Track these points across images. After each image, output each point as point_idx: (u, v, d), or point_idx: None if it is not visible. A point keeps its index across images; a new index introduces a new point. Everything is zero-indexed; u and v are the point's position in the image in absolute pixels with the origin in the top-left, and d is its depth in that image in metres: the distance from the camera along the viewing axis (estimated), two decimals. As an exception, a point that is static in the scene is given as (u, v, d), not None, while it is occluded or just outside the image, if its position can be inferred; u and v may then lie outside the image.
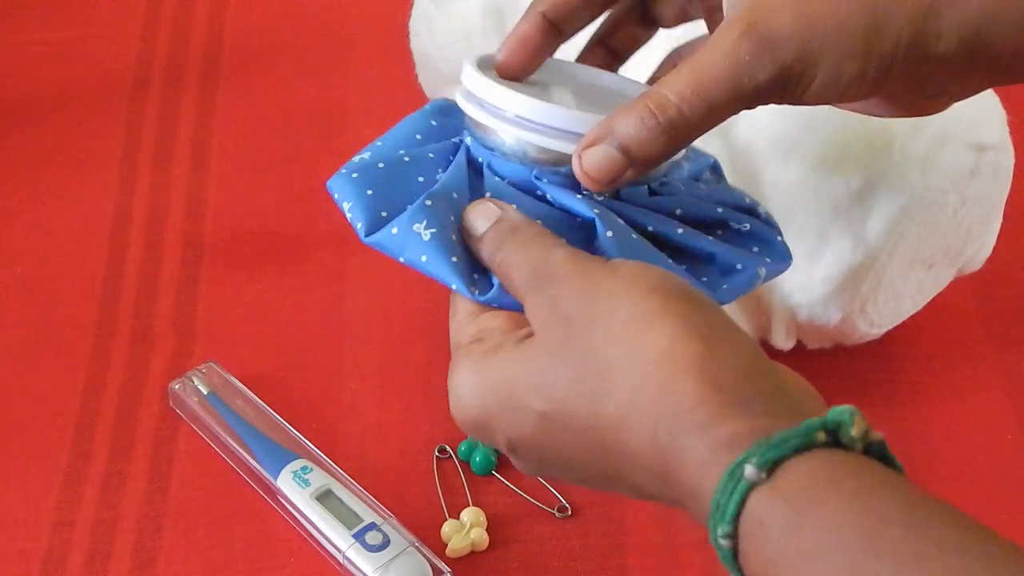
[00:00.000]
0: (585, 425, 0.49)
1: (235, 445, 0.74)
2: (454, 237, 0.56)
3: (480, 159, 0.60)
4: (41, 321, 0.82)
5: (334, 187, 0.59)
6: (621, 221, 0.56)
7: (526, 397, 0.50)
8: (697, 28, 0.66)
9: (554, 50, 0.63)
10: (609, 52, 0.67)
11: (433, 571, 0.68)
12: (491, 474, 0.74)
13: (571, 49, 0.66)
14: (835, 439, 0.45)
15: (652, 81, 0.66)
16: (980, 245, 0.76)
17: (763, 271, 0.58)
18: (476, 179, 0.59)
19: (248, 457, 0.73)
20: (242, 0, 1.06)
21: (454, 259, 0.56)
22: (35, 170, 0.92)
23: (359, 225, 0.58)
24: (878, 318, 0.75)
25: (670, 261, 0.57)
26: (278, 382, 0.79)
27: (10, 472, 0.75)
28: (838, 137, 0.70)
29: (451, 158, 0.61)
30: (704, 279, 0.57)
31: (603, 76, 0.65)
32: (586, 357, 0.49)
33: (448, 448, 0.75)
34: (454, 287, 0.56)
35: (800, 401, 0.48)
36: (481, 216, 0.56)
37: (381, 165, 0.60)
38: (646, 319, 0.48)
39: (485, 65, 0.61)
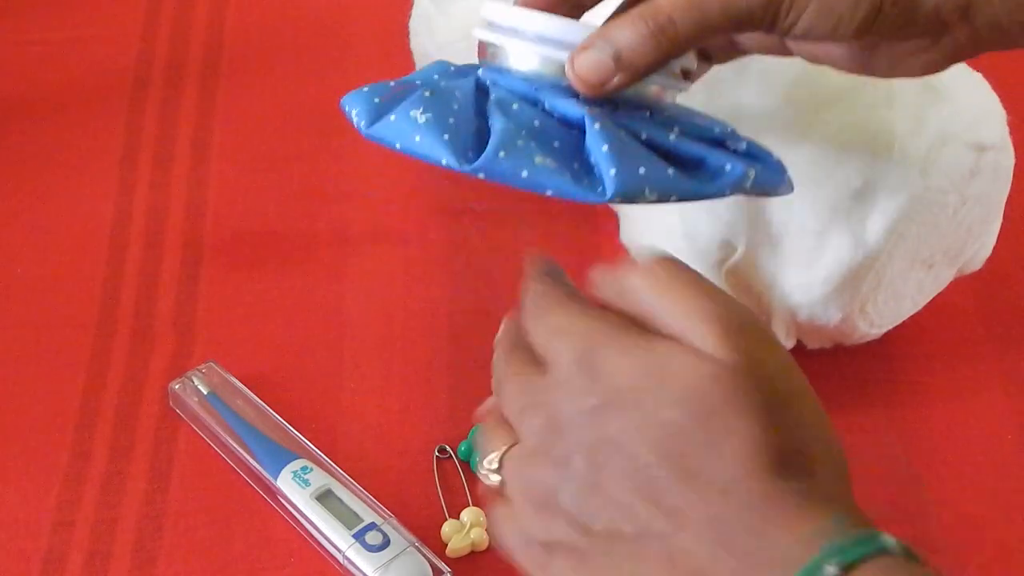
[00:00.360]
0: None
1: (235, 445, 0.74)
2: (451, 121, 0.58)
3: (488, 81, 0.61)
4: (41, 321, 0.82)
5: (346, 100, 0.61)
6: (610, 122, 0.58)
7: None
8: None
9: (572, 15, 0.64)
10: None
11: (433, 571, 0.68)
12: (491, 474, 0.74)
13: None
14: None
15: None
16: (980, 245, 0.76)
17: (752, 172, 0.59)
18: (482, 98, 0.60)
19: (248, 457, 0.73)
20: (242, 0, 1.06)
21: (446, 136, 0.57)
22: (35, 170, 0.92)
23: (362, 122, 0.60)
24: (878, 318, 0.75)
25: (656, 156, 0.58)
26: (278, 382, 0.79)
27: (10, 472, 0.75)
28: (838, 137, 0.70)
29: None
30: (696, 179, 0.58)
31: None
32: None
33: (448, 448, 0.75)
34: (444, 161, 0.57)
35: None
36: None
37: (392, 83, 0.62)
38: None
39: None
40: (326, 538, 0.70)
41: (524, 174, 0.56)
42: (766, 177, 0.60)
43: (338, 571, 0.69)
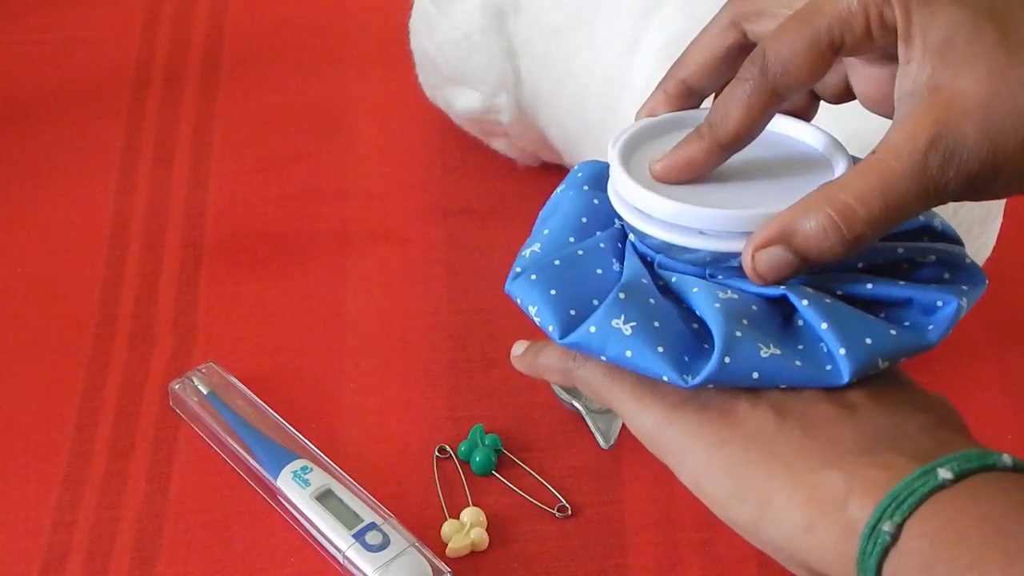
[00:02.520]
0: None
1: (235, 445, 0.74)
2: (656, 324, 0.54)
3: (648, 256, 0.58)
4: (41, 321, 0.83)
5: (515, 291, 0.57)
6: (809, 289, 0.55)
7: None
8: None
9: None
10: None
11: (433, 571, 0.68)
12: (491, 474, 0.74)
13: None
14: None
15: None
16: (980, 245, 0.76)
17: (965, 301, 0.56)
18: (650, 269, 0.57)
19: (248, 457, 0.73)
20: (242, 0, 1.06)
21: (660, 349, 0.53)
22: (35, 170, 0.92)
23: (551, 328, 0.55)
24: (878, 318, 0.75)
25: (871, 317, 0.55)
26: (278, 382, 0.79)
27: (10, 472, 0.75)
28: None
29: (619, 246, 0.58)
30: (907, 323, 0.55)
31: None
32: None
33: (448, 448, 0.75)
34: (666, 379, 0.53)
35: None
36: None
37: (557, 262, 0.57)
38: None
39: (628, 151, 0.58)
40: (326, 538, 0.70)
41: (755, 376, 0.53)
42: (972, 293, 0.57)
43: (338, 571, 0.69)
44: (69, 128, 0.95)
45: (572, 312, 0.55)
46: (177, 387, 0.77)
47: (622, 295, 0.55)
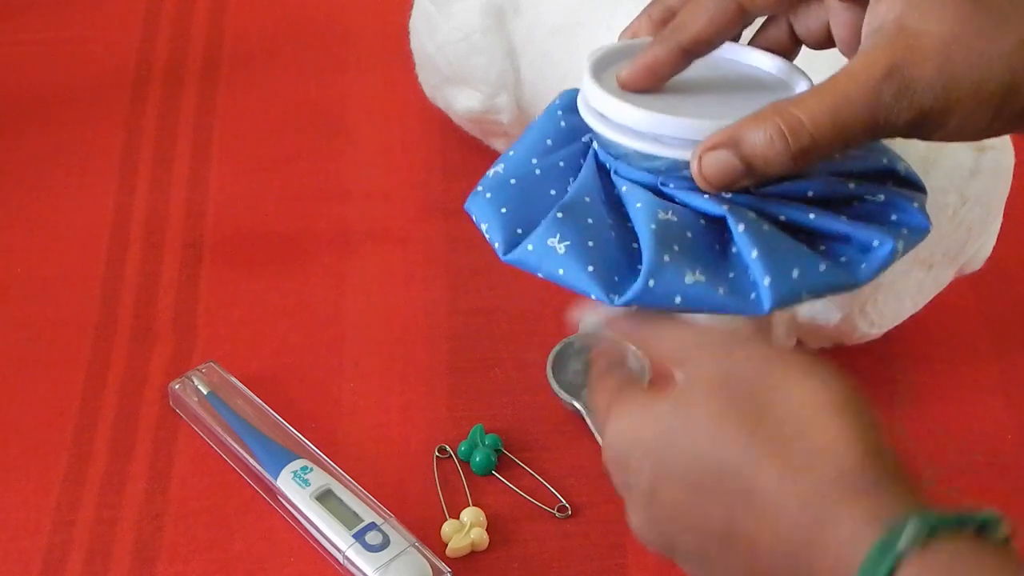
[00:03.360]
0: (733, 468, 0.50)
1: (235, 445, 0.74)
2: (591, 243, 0.57)
3: (608, 165, 0.60)
4: (41, 321, 0.83)
5: (471, 208, 0.61)
6: (751, 213, 0.57)
7: (681, 435, 0.51)
8: None
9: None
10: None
11: (433, 571, 0.68)
12: (491, 474, 0.74)
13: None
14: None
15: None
16: (980, 245, 0.76)
17: (901, 244, 0.57)
18: (606, 179, 0.60)
19: (248, 457, 0.73)
20: (242, 0, 1.06)
21: (590, 268, 0.56)
22: (35, 170, 0.92)
23: (496, 244, 0.59)
24: (878, 318, 0.75)
25: (805, 248, 0.56)
26: (278, 382, 0.79)
27: (10, 472, 0.75)
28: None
29: (581, 161, 0.61)
30: (843, 258, 0.57)
31: (726, 51, 0.63)
32: (756, 408, 0.50)
33: (448, 448, 0.75)
34: (593, 296, 0.56)
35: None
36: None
37: (513, 181, 0.61)
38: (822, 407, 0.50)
39: (602, 66, 0.61)
40: (326, 538, 0.70)
41: (678, 300, 0.55)
42: (911, 238, 0.58)
43: (338, 571, 0.69)
44: (69, 128, 0.95)
45: (519, 231, 0.59)
46: (177, 387, 0.77)
47: (560, 215, 0.57)
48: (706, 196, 0.57)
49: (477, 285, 0.84)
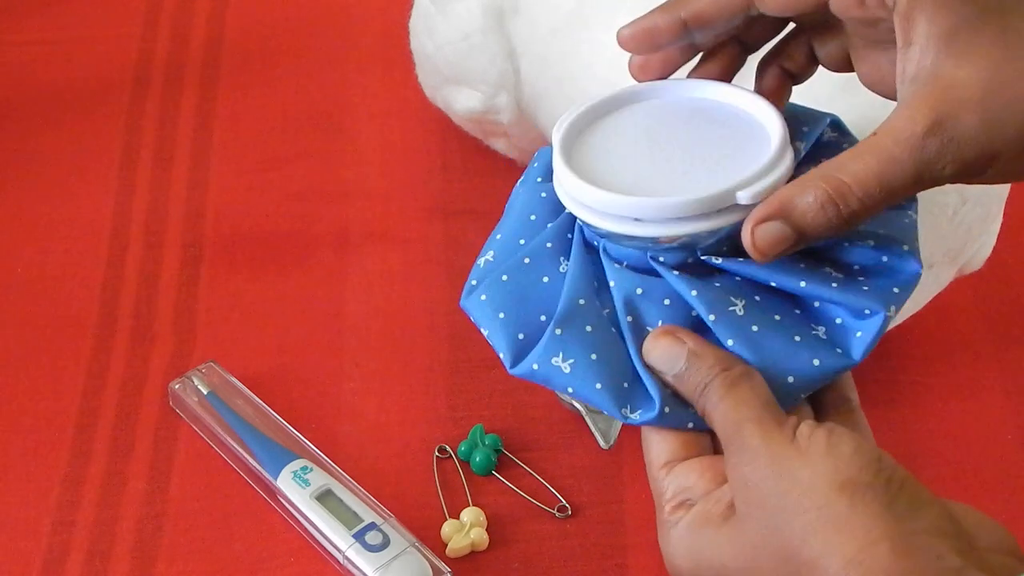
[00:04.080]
0: None
1: (235, 445, 0.74)
2: (594, 356, 0.56)
3: (595, 242, 0.59)
4: (41, 321, 0.83)
5: (467, 307, 0.60)
6: (722, 297, 0.56)
7: None
8: None
9: (679, 61, 0.62)
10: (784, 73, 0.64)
11: (433, 571, 0.68)
12: (491, 474, 0.74)
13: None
14: None
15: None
16: (980, 245, 0.76)
17: (893, 308, 0.56)
18: (595, 263, 0.59)
19: (248, 457, 0.73)
20: (242, 0, 1.06)
21: (598, 386, 0.56)
22: (35, 170, 0.92)
23: (502, 355, 0.58)
24: (878, 318, 0.75)
25: (796, 343, 0.56)
26: (278, 382, 0.79)
27: (10, 472, 0.75)
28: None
29: (569, 236, 0.60)
30: (838, 320, 0.56)
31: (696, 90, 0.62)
32: (785, 550, 0.50)
33: (448, 448, 0.75)
34: (605, 413, 0.56)
35: (995, 565, 0.49)
36: (667, 356, 0.56)
37: (505, 278, 0.59)
38: (835, 522, 0.49)
39: (571, 137, 0.59)
40: (326, 538, 0.70)
41: (690, 425, 0.56)
42: (903, 294, 0.57)
43: (338, 571, 0.69)
44: (69, 128, 0.95)
45: (520, 336, 0.58)
46: (177, 387, 0.77)
47: (559, 331, 0.57)
48: (676, 274, 0.56)
49: (477, 285, 0.84)
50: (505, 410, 0.77)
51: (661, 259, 0.57)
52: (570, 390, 0.56)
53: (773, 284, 0.56)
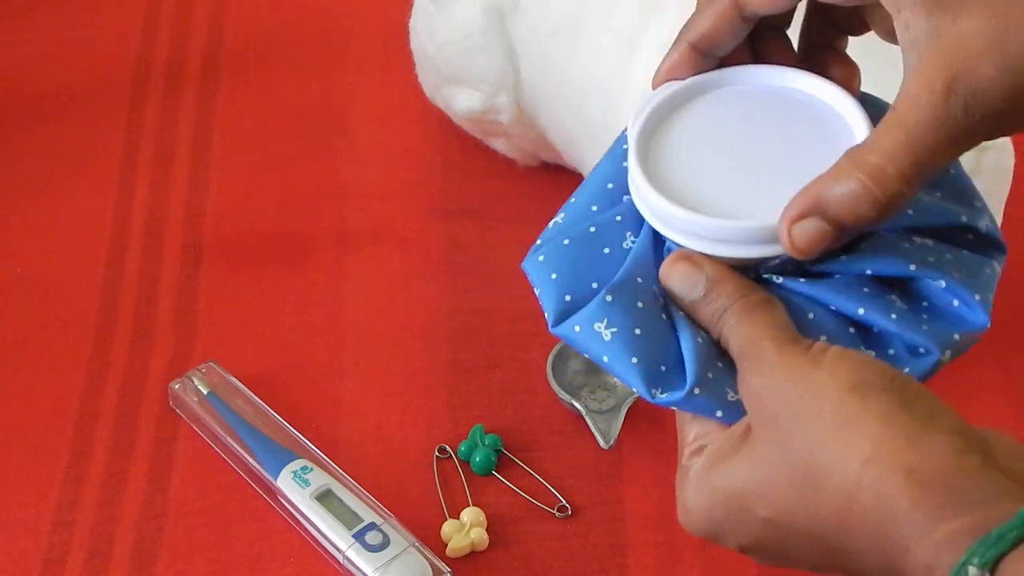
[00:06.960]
0: (808, 529, 0.49)
1: (235, 445, 0.74)
2: (637, 331, 0.55)
3: (662, 236, 0.57)
4: (41, 321, 0.83)
5: (527, 268, 0.58)
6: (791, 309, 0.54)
7: (751, 505, 0.51)
8: None
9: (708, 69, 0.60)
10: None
11: (433, 571, 0.68)
12: (491, 474, 0.74)
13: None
14: None
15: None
16: (980, 245, 0.76)
17: (948, 353, 0.54)
18: (660, 250, 0.57)
19: (248, 457, 0.73)
20: (242, 0, 1.06)
21: (634, 360, 0.54)
22: (35, 170, 0.92)
23: (547, 314, 0.56)
24: (878, 318, 0.75)
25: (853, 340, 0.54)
26: (278, 382, 0.79)
27: (10, 472, 0.75)
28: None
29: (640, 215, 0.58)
30: (891, 351, 0.55)
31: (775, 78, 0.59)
32: (799, 460, 0.49)
33: (448, 448, 0.75)
34: (635, 390, 0.54)
35: (1017, 472, 0.48)
36: (685, 281, 0.55)
37: (566, 241, 0.58)
38: (850, 422, 0.48)
39: (648, 132, 0.57)
40: (326, 538, 0.70)
41: (719, 414, 0.54)
42: (964, 340, 0.55)
43: (338, 571, 0.69)
44: (69, 128, 0.95)
45: (568, 298, 0.56)
46: (177, 387, 0.77)
47: (609, 298, 0.55)
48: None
49: (477, 285, 0.84)
50: (505, 410, 0.77)
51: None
52: (605, 359, 0.54)
53: (833, 308, 0.55)
